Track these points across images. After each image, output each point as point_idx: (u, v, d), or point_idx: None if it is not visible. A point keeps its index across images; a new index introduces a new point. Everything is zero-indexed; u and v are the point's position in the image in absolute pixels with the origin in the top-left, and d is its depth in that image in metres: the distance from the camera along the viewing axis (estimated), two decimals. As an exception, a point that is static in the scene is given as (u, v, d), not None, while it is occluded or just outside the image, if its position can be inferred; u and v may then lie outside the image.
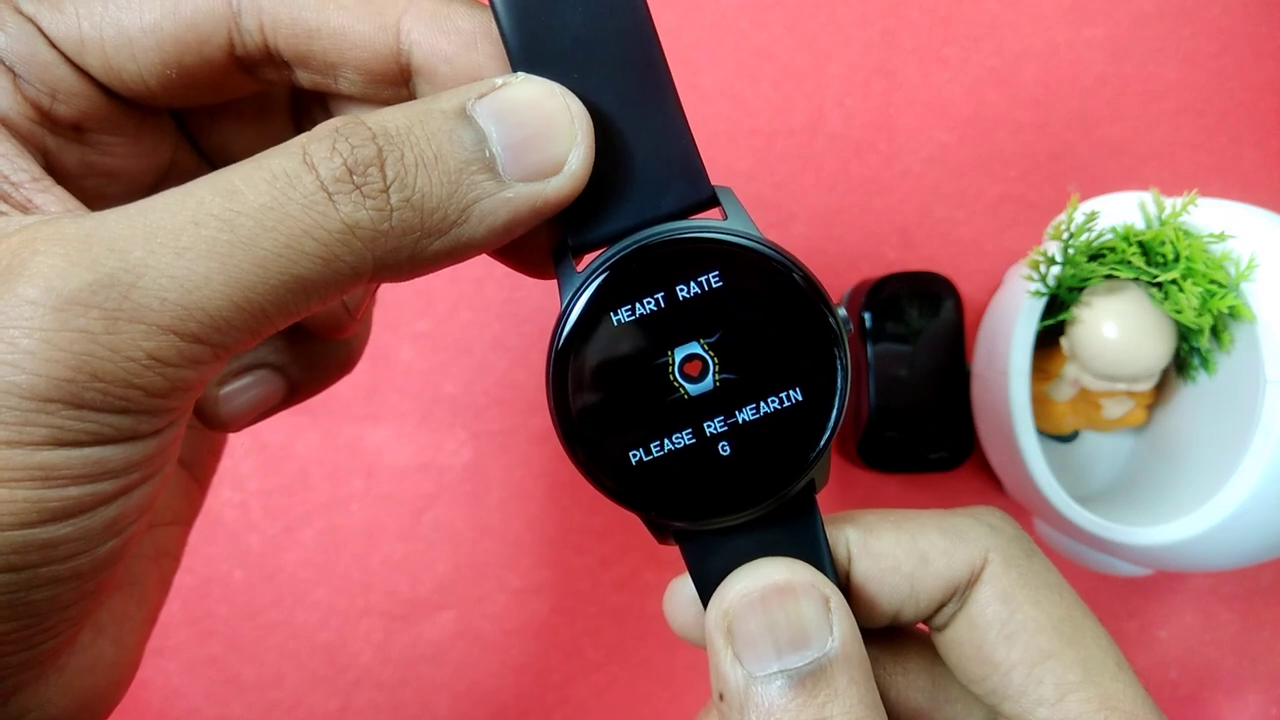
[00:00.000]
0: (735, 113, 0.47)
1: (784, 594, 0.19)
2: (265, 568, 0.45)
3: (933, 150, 0.47)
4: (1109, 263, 0.39)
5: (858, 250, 0.47)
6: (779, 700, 0.18)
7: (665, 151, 0.20)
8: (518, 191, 0.18)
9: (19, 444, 0.16)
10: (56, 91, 0.20)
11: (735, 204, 0.20)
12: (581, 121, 0.19)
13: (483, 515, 0.45)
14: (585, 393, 0.19)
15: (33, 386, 0.15)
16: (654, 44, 0.20)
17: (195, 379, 0.17)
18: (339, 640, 0.45)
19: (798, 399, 0.20)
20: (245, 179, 0.17)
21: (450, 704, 0.45)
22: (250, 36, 0.20)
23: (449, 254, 0.18)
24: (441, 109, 0.18)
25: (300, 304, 0.17)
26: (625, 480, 0.20)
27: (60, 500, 0.16)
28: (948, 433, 0.43)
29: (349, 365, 0.27)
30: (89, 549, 0.17)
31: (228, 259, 0.16)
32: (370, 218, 0.17)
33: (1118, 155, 0.48)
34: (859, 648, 0.19)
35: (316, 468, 0.45)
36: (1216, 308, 0.37)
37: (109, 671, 0.21)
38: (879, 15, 0.47)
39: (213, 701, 0.44)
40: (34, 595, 0.17)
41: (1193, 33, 0.48)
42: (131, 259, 0.16)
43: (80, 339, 0.16)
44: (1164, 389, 0.43)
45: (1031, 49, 0.48)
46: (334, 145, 0.17)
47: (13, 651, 0.17)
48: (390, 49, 0.20)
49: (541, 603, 0.45)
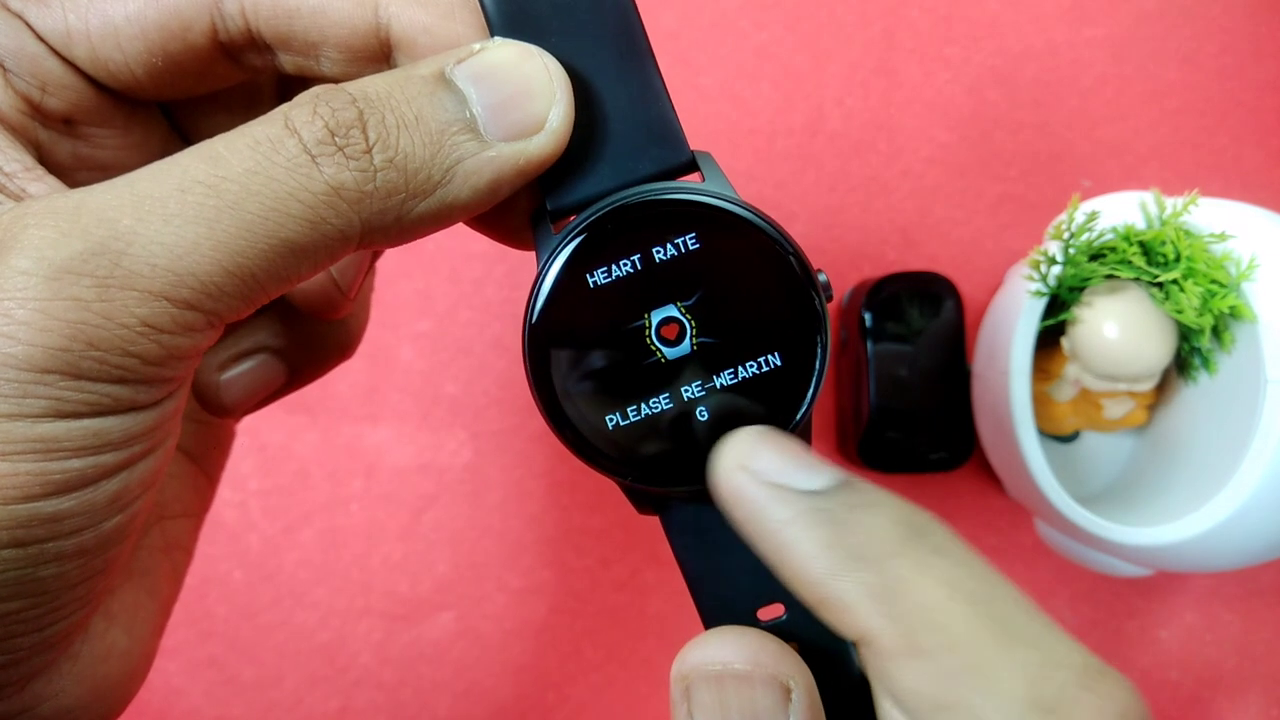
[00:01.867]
0: (735, 113, 0.47)
1: (740, 681, 0.18)
2: (265, 568, 0.45)
3: (933, 150, 0.47)
4: (1110, 262, 0.39)
5: (858, 250, 0.47)
6: None
7: (643, 116, 0.20)
8: (500, 150, 0.18)
9: (19, 416, 0.16)
10: (46, 85, 0.20)
11: (714, 168, 0.20)
12: (560, 80, 0.19)
13: (482, 515, 0.45)
14: (561, 355, 0.19)
15: (29, 357, 0.15)
16: (631, 9, 0.20)
17: (190, 347, 0.17)
18: (339, 640, 0.45)
19: (777, 364, 0.19)
20: (229, 146, 0.17)
21: (450, 704, 0.45)
22: (232, 21, 0.20)
23: (434, 216, 0.19)
24: (420, 74, 0.19)
25: (290, 269, 0.17)
26: (602, 445, 0.20)
27: (62, 473, 0.16)
28: (948, 433, 0.43)
29: (348, 348, 0.27)
30: (94, 523, 0.17)
31: (215, 224, 0.16)
32: (354, 179, 0.17)
33: (1118, 155, 0.48)
34: None
35: (316, 468, 0.45)
36: (1217, 307, 0.36)
37: (122, 661, 0.21)
38: (879, 15, 0.47)
39: (212, 702, 0.44)
40: (41, 572, 0.17)
41: (1193, 32, 0.48)
42: (120, 227, 0.16)
43: (74, 307, 0.16)
44: (1165, 389, 0.43)
45: (1032, 49, 0.48)
46: (315, 109, 0.17)
47: (23, 633, 0.17)
48: (369, 24, 0.20)
49: (541, 603, 0.45)
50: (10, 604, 0.17)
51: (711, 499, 0.20)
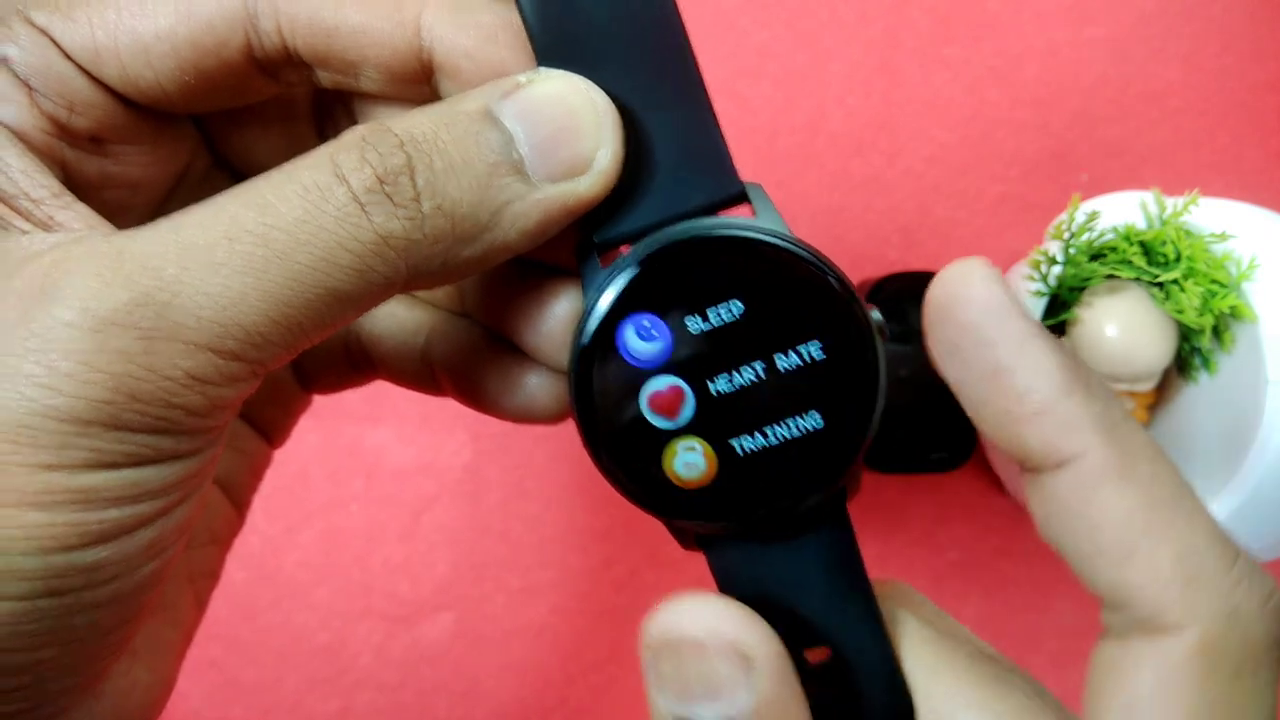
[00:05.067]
0: (735, 112, 0.47)
1: (697, 650, 0.18)
2: (265, 569, 0.44)
3: (934, 149, 0.47)
4: (1110, 262, 0.39)
5: (858, 250, 0.47)
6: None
7: (693, 145, 0.19)
8: (547, 192, 0.18)
9: (58, 467, 0.15)
10: (73, 104, 0.19)
11: (765, 201, 0.20)
12: (609, 117, 0.18)
13: (482, 516, 0.45)
14: (608, 392, 0.19)
15: (71, 409, 0.15)
16: (681, 34, 0.19)
17: (233, 397, 0.17)
18: (339, 641, 0.45)
19: (829, 403, 0.19)
20: (276, 192, 0.17)
21: (450, 705, 0.45)
22: (268, 38, 0.20)
23: (481, 259, 0.18)
24: (466, 111, 0.18)
25: (335, 316, 0.17)
26: (648, 484, 0.19)
27: (100, 523, 0.16)
28: (948, 433, 0.43)
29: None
30: (129, 571, 0.17)
31: (263, 274, 0.16)
32: (403, 227, 0.17)
33: (1119, 155, 0.48)
34: (782, 711, 0.18)
35: (317, 469, 0.45)
36: (1218, 307, 0.36)
37: (144, 695, 0.20)
38: (880, 14, 0.47)
39: (213, 703, 0.44)
40: (75, 620, 0.16)
41: (1194, 32, 0.48)
42: (166, 276, 0.16)
43: (118, 360, 0.15)
44: (1165, 389, 0.43)
45: (1032, 48, 0.47)
46: (363, 155, 0.17)
47: (55, 678, 0.17)
48: (411, 46, 0.19)
49: (541, 603, 0.45)
50: (44, 652, 0.16)
51: (759, 537, 0.20)
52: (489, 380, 0.23)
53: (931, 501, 0.46)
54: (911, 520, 0.46)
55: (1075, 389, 0.17)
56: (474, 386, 0.23)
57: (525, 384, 0.23)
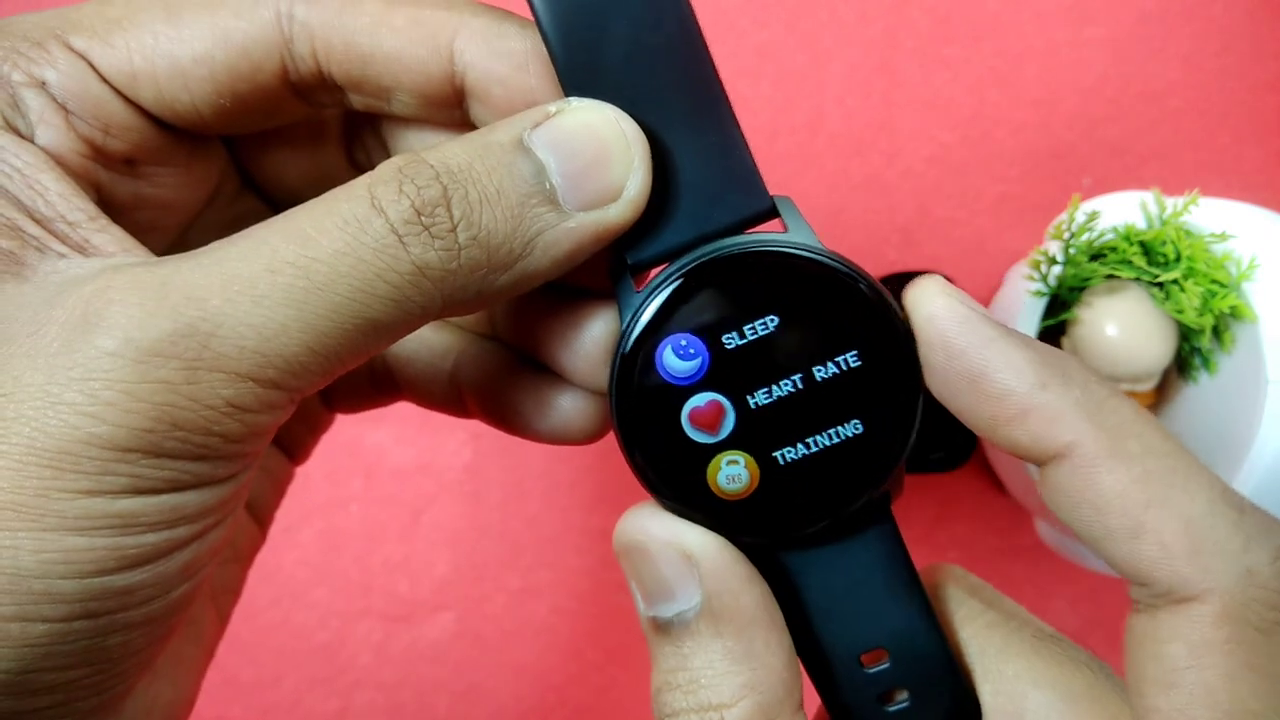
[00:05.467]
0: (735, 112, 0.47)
1: (641, 552, 0.19)
2: (264, 568, 0.44)
3: (933, 150, 0.47)
4: (1110, 262, 0.39)
5: (858, 250, 0.47)
6: (656, 639, 0.19)
7: (721, 163, 0.20)
8: (579, 221, 0.18)
9: (99, 493, 0.16)
10: (109, 126, 0.19)
11: (795, 214, 0.20)
12: (638, 145, 0.19)
13: (482, 516, 0.45)
14: (649, 410, 0.19)
15: (113, 437, 0.15)
16: (704, 54, 0.19)
17: (271, 423, 0.17)
18: (338, 641, 0.45)
19: (868, 414, 0.19)
20: (316, 225, 0.17)
21: (449, 705, 0.45)
22: (303, 63, 0.20)
23: (514, 286, 0.18)
24: (499, 141, 0.18)
25: (371, 344, 0.17)
26: (696, 499, 0.19)
27: (138, 547, 0.16)
28: (948, 433, 0.43)
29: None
30: (164, 594, 0.17)
31: (304, 305, 0.16)
32: (440, 258, 0.17)
33: (1119, 155, 0.48)
34: (733, 601, 0.19)
35: (316, 468, 0.45)
36: (1218, 308, 0.36)
37: (165, 711, 0.21)
38: (880, 14, 0.47)
39: (211, 702, 0.44)
40: (109, 641, 0.17)
41: (1194, 32, 0.48)
42: (209, 308, 0.16)
43: (160, 390, 0.16)
44: (1165, 389, 0.43)
45: (1032, 48, 0.48)
46: (400, 187, 0.17)
47: (84, 697, 0.17)
48: (444, 71, 0.20)
49: (541, 603, 0.45)
50: (75, 672, 0.16)
51: (802, 543, 0.20)
52: (520, 402, 0.23)
53: (931, 501, 0.46)
54: (911, 520, 0.46)
55: (1050, 381, 0.17)
56: (503, 408, 0.24)
57: (558, 405, 0.23)
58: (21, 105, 0.18)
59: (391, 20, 0.19)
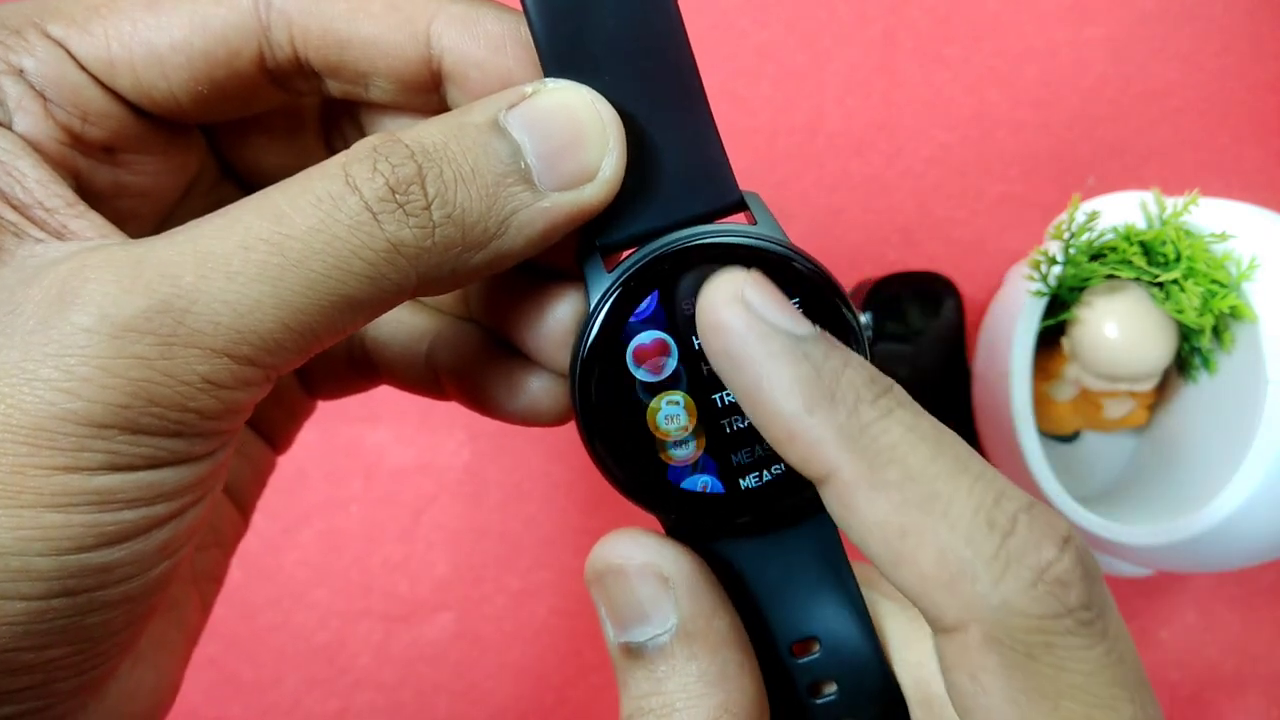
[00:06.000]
0: (735, 112, 0.47)
1: (618, 575, 0.19)
2: (264, 568, 0.44)
3: (933, 150, 0.47)
4: (1110, 262, 0.39)
5: (858, 250, 0.47)
6: (628, 665, 0.19)
7: (694, 155, 0.20)
8: (554, 200, 0.18)
9: (76, 469, 0.16)
10: (87, 114, 0.19)
11: (763, 209, 0.20)
12: (613, 128, 0.19)
13: (481, 516, 0.45)
14: (609, 391, 0.19)
15: (89, 413, 0.15)
16: (685, 47, 0.20)
17: (247, 400, 0.17)
18: (338, 641, 0.45)
19: None
20: (290, 202, 0.17)
21: (449, 705, 0.45)
22: (280, 49, 0.20)
23: (488, 265, 0.19)
24: (475, 122, 0.18)
25: (346, 322, 0.18)
26: (646, 483, 0.20)
27: (116, 524, 0.16)
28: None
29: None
30: (142, 572, 0.17)
31: (278, 282, 0.16)
32: (414, 235, 0.17)
33: (1119, 155, 0.48)
34: (705, 623, 0.19)
35: (315, 468, 0.45)
36: (1218, 307, 0.36)
37: (149, 697, 0.21)
38: (879, 14, 0.47)
39: (211, 702, 0.44)
40: (88, 620, 0.17)
41: (1194, 32, 0.48)
42: (184, 284, 0.16)
43: (136, 365, 0.16)
44: (1165, 389, 0.43)
45: (1032, 48, 0.47)
46: (375, 165, 0.17)
47: (64, 677, 0.17)
48: (421, 56, 0.20)
49: (540, 604, 0.45)
50: (54, 651, 0.16)
51: (743, 533, 0.20)
52: (492, 383, 0.23)
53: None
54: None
55: (817, 404, 0.17)
56: (478, 390, 0.24)
57: (528, 387, 0.23)
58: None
59: (368, 5, 0.20)
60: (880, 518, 0.16)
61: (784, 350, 0.17)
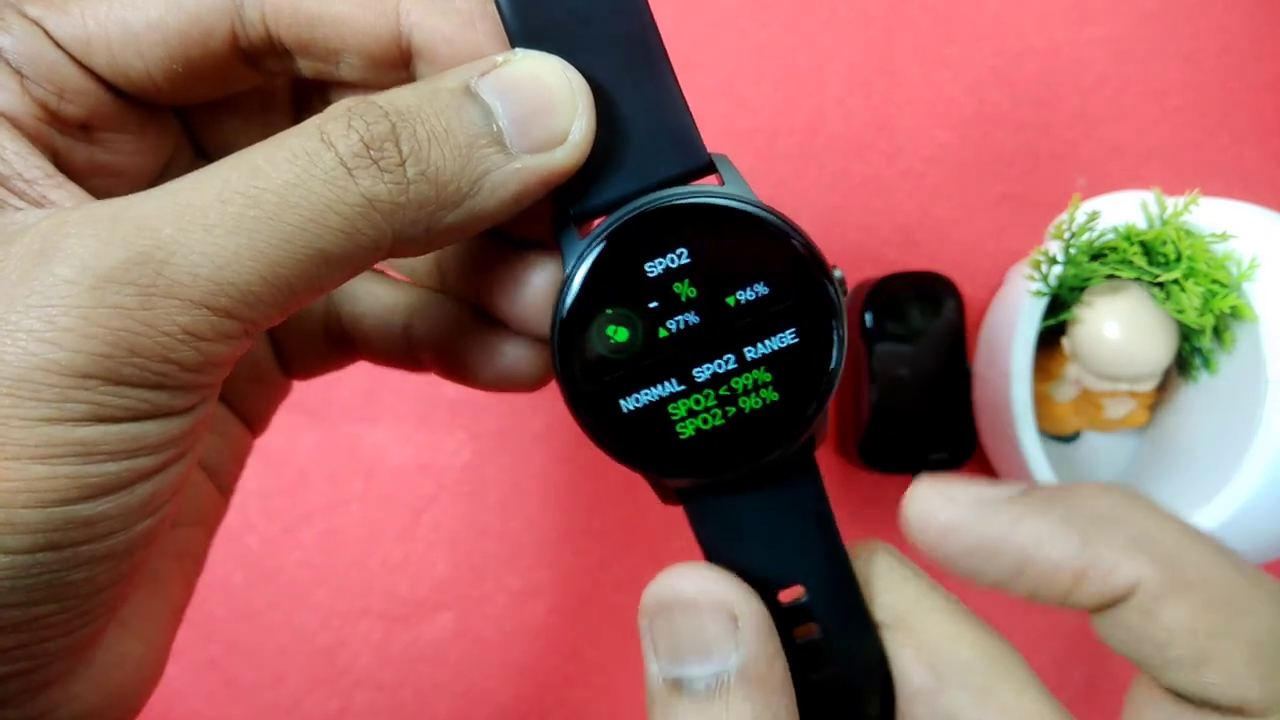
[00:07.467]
0: (735, 112, 0.47)
1: (688, 608, 0.19)
2: (264, 569, 0.44)
3: (934, 150, 0.47)
4: (1110, 262, 0.39)
5: (858, 250, 0.47)
6: (675, 702, 0.19)
7: (662, 121, 0.20)
8: (525, 163, 0.19)
9: (59, 420, 0.16)
10: (64, 91, 0.20)
11: (732, 170, 0.21)
12: (582, 94, 0.19)
13: (482, 516, 0.45)
14: (589, 352, 0.20)
15: (71, 363, 0.16)
16: (648, 18, 0.20)
17: (226, 354, 0.17)
18: (338, 641, 0.45)
19: (793, 351, 0.20)
20: (267, 158, 0.17)
21: (449, 705, 0.45)
22: (253, 28, 0.20)
23: (462, 227, 0.19)
24: (447, 87, 0.19)
25: (324, 278, 0.18)
26: (624, 438, 0.20)
27: (100, 476, 0.16)
28: (949, 433, 0.43)
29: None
30: (126, 527, 0.17)
31: (255, 234, 0.17)
32: (389, 191, 0.18)
33: (1119, 154, 0.48)
34: (767, 666, 0.19)
35: (315, 469, 0.45)
36: (1218, 307, 0.36)
37: (136, 667, 0.21)
38: (880, 14, 0.47)
39: (212, 703, 0.44)
40: (73, 575, 0.17)
41: (1194, 32, 0.48)
42: (163, 236, 0.16)
43: (117, 315, 0.16)
44: (1166, 389, 0.43)
45: (1033, 48, 0.47)
46: (349, 123, 0.18)
47: (51, 636, 0.17)
48: (391, 32, 0.20)
49: (541, 604, 0.45)
50: (42, 607, 0.17)
51: (732, 489, 0.21)
52: (470, 352, 0.24)
53: (931, 502, 0.46)
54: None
55: (1090, 533, 0.17)
56: (455, 360, 0.24)
57: (506, 353, 0.24)
58: None
59: None
60: (1187, 620, 0.17)
61: (1024, 509, 0.18)
